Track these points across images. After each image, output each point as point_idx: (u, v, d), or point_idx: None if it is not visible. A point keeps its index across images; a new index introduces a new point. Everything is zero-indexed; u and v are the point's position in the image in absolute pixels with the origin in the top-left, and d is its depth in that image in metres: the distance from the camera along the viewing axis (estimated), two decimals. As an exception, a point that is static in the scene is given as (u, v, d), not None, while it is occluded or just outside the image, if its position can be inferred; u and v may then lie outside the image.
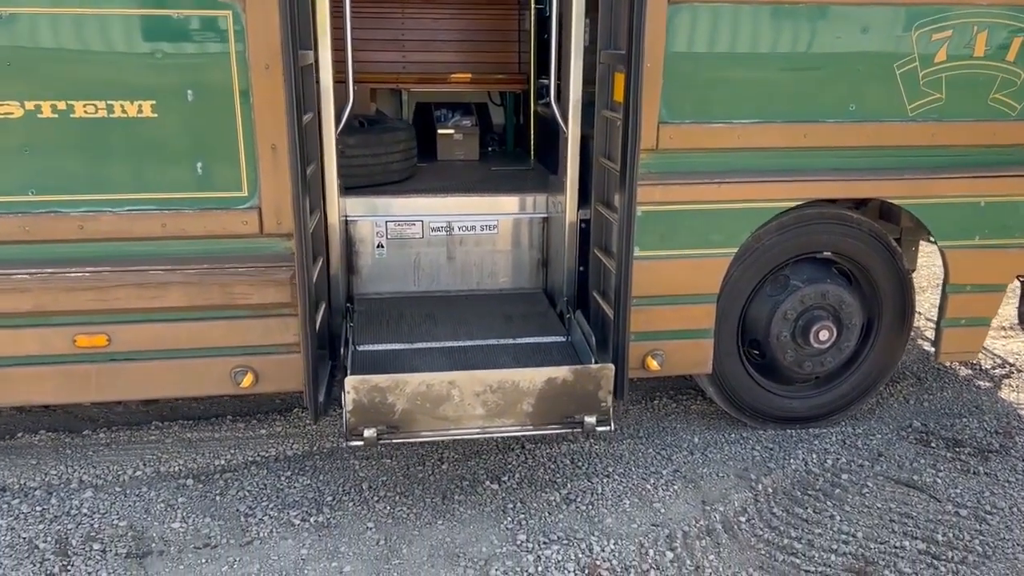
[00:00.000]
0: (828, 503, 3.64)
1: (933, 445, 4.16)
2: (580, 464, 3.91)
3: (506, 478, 3.79)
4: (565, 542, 3.33)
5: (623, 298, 3.47)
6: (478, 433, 3.31)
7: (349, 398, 3.13)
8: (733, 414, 4.25)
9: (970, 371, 5.06)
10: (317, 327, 3.42)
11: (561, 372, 3.26)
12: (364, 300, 4.14)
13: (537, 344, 3.80)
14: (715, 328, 3.91)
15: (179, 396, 4.10)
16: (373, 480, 3.77)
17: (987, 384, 4.90)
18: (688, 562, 3.24)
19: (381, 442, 3.21)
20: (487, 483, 3.75)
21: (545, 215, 4.27)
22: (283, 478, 3.77)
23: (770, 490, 3.73)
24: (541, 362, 3.61)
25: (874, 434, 4.26)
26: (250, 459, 3.93)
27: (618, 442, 4.12)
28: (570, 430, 3.36)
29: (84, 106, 3.22)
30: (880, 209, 4.30)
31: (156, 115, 3.27)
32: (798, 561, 3.24)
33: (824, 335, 4.03)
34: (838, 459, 4.00)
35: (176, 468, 3.85)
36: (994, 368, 5.12)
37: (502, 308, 4.12)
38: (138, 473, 3.80)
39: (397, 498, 3.63)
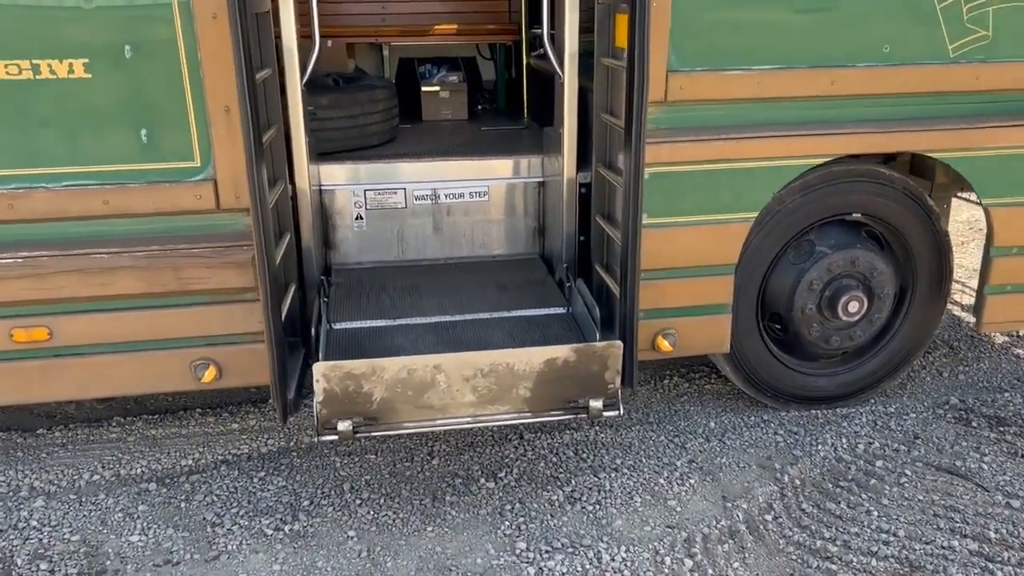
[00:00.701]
0: (863, 496, 3.26)
1: (974, 424, 3.77)
2: (585, 456, 3.53)
3: (503, 474, 3.41)
4: (570, 550, 2.96)
5: (630, 272, 3.05)
6: (468, 422, 2.95)
7: (319, 387, 2.77)
8: (752, 395, 3.86)
9: (1007, 338, 4.65)
10: (284, 313, 3.02)
11: (562, 352, 2.88)
12: (342, 271, 3.74)
13: (535, 317, 3.41)
14: (733, 302, 3.51)
15: (134, 394, 3.70)
16: (355, 480, 3.39)
17: (1027, 352, 4.51)
18: (710, 571, 2.86)
19: (358, 436, 2.84)
20: (482, 480, 3.37)
21: (541, 179, 3.85)
22: (256, 479, 3.40)
23: (797, 482, 3.35)
24: (539, 338, 3.22)
25: (908, 413, 3.87)
26: (220, 458, 3.56)
27: (626, 429, 3.74)
28: (573, 416, 2.99)
29: (5, 66, 2.81)
30: (911, 163, 3.87)
31: (90, 75, 2.87)
32: (834, 567, 2.87)
33: (853, 306, 3.63)
34: (871, 443, 3.62)
35: (138, 470, 3.48)
36: (1033, 334, 4.73)
37: (496, 277, 3.72)
38: (95, 477, 3.43)
39: (382, 500, 3.26)
